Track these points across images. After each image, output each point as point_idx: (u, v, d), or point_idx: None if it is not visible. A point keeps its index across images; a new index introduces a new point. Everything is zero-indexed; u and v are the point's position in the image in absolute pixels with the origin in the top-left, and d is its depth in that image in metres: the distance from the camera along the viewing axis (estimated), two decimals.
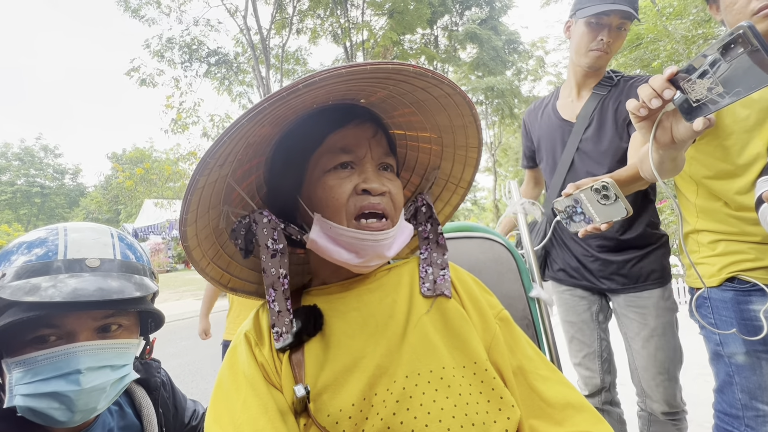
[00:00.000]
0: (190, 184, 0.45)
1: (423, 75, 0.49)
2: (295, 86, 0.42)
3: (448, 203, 0.71)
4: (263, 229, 0.53)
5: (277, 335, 0.52)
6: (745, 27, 0.44)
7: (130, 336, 0.62)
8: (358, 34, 11.07)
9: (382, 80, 0.51)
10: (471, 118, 0.58)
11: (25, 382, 0.52)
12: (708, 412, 1.04)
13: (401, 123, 0.65)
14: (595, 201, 0.74)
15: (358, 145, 0.55)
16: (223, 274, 0.60)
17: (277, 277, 0.53)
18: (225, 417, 0.48)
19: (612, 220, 0.74)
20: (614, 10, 1.08)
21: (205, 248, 0.54)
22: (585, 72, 1.22)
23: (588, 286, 1.28)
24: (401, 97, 0.56)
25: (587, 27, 1.15)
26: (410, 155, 0.69)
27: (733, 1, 0.86)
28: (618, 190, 0.70)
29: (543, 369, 0.56)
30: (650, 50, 6.04)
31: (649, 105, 0.56)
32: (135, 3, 9.86)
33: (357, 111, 0.57)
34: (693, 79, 0.51)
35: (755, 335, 0.87)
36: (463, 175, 0.67)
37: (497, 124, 16.37)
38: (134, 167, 10.05)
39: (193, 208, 0.48)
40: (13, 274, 0.53)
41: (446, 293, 0.58)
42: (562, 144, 1.28)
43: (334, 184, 0.53)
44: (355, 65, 0.44)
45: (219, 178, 0.50)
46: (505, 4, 14.46)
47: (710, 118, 0.52)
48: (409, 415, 0.47)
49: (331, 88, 0.48)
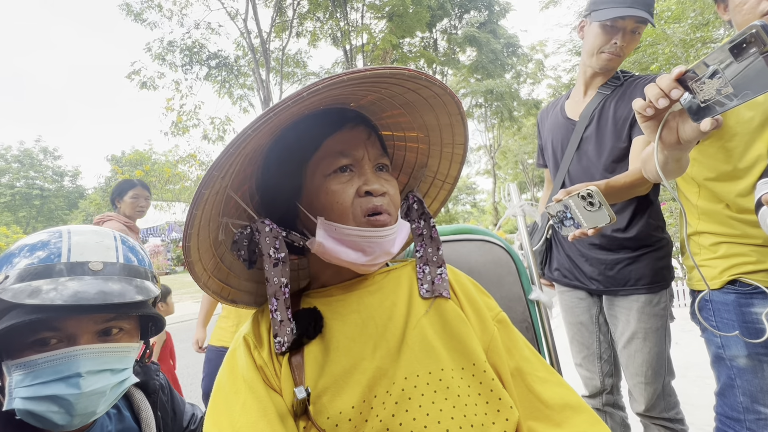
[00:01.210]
0: (195, 197, 0.45)
1: (416, 78, 0.50)
2: (299, 95, 0.42)
3: (436, 199, 0.73)
4: (266, 238, 0.53)
5: (280, 345, 0.51)
6: (758, 26, 0.43)
7: (131, 340, 0.62)
8: (357, 38, 11.11)
9: (375, 84, 0.51)
10: (458, 116, 0.59)
11: (25, 384, 0.51)
12: (708, 415, 1.03)
13: (389, 124, 0.65)
14: (582, 207, 0.76)
15: (356, 148, 0.55)
16: (223, 287, 0.60)
17: (279, 287, 0.53)
18: (224, 420, 0.48)
19: (598, 225, 0.76)
20: (630, 15, 1.07)
21: (205, 261, 0.54)
22: (594, 71, 1.22)
23: (582, 287, 1.27)
24: (391, 99, 0.57)
25: (602, 29, 1.14)
26: (398, 155, 0.70)
27: (742, 1, 0.86)
28: (602, 197, 0.72)
29: (541, 371, 0.56)
30: (649, 54, 6.07)
31: (656, 104, 0.56)
32: (137, 7, 9.92)
33: (349, 114, 0.58)
34: (702, 79, 0.50)
35: (757, 338, 0.87)
36: (449, 171, 0.69)
37: (496, 127, 16.43)
38: (134, 169, 10.06)
39: (197, 222, 0.48)
40: (15, 276, 0.53)
41: (444, 294, 0.58)
42: (565, 142, 1.28)
43: (338, 189, 0.53)
44: (357, 71, 0.44)
45: (219, 191, 0.50)
46: (503, 7, 14.52)
47: (718, 118, 0.52)
48: (408, 416, 0.47)
49: (327, 94, 0.48)
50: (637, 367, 1.16)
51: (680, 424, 1.17)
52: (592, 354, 1.30)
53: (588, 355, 1.31)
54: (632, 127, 1.13)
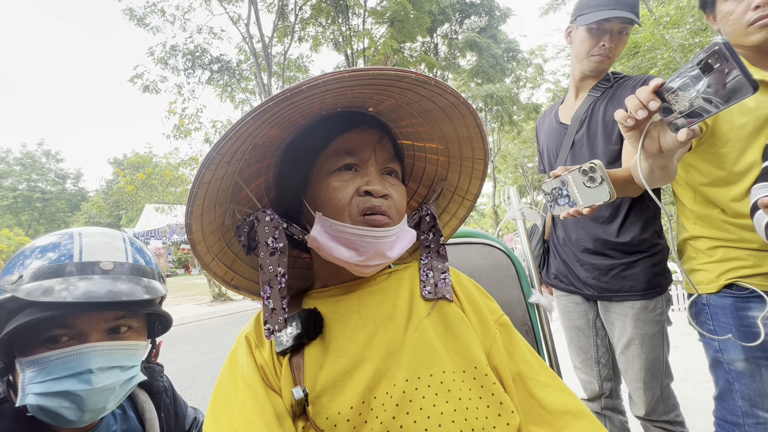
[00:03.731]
0: (197, 177, 0.47)
1: (425, 83, 0.49)
2: (298, 87, 0.43)
3: (455, 215, 0.72)
4: (264, 227, 0.54)
5: (269, 332, 0.52)
6: (720, 44, 0.47)
7: (139, 338, 0.63)
8: (359, 42, 11.17)
9: (386, 87, 0.52)
10: (476, 129, 0.59)
11: (37, 381, 0.53)
12: (707, 419, 1.03)
13: (409, 133, 0.66)
14: (581, 183, 0.75)
15: (363, 148, 0.56)
16: (227, 271, 0.60)
17: (274, 275, 0.53)
18: (223, 419, 0.48)
19: (595, 204, 0.74)
20: (615, 17, 1.09)
21: (210, 243, 0.56)
22: (584, 74, 1.23)
23: (577, 292, 1.28)
24: (408, 106, 0.58)
25: (588, 33, 1.15)
26: (418, 166, 0.70)
27: (729, 11, 0.88)
28: (605, 172, 0.71)
29: (542, 375, 0.56)
30: (648, 59, 6.10)
31: (636, 116, 0.58)
32: (140, 12, 10.00)
33: (364, 118, 0.59)
34: (677, 91, 0.53)
35: (754, 342, 0.88)
36: (469, 188, 0.68)
37: (496, 131, 16.46)
38: (135, 172, 10.07)
39: (199, 201, 0.49)
40: (29, 276, 0.55)
41: (447, 297, 0.58)
42: (558, 147, 1.29)
43: (338, 186, 0.54)
44: (358, 69, 0.45)
45: (226, 175, 0.51)
46: (504, 12, 14.59)
47: (694, 129, 0.54)
48: (408, 419, 0.47)
49: (338, 93, 0.49)
50: (635, 372, 1.16)
51: (680, 426, 1.17)
52: (589, 358, 1.30)
53: (586, 359, 1.31)
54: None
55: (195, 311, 7.76)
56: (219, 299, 8.80)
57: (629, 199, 1.16)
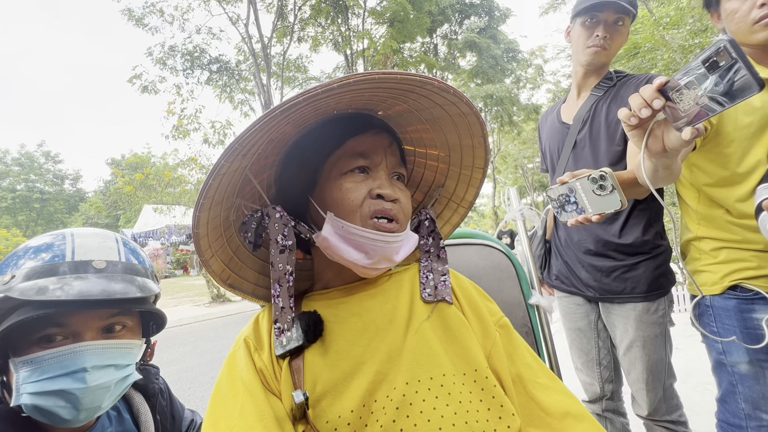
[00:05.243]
0: (215, 167, 0.46)
1: (445, 90, 0.51)
2: (329, 85, 0.43)
3: (448, 222, 0.73)
4: (275, 224, 0.54)
5: (279, 331, 0.52)
6: (726, 41, 0.46)
7: (134, 337, 0.64)
8: (358, 43, 11.19)
9: (405, 92, 0.52)
10: (481, 138, 0.60)
11: (32, 380, 0.53)
12: (708, 421, 1.03)
13: (412, 139, 0.66)
14: (591, 191, 0.74)
15: (375, 152, 0.56)
16: (224, 268, 0.60)
17: (284, 273, 0.53)
18: (222, 423, 0.47)
19: (605, 212, 0.73)
20: (607, 2, 1.08)
21: (212, 239, 0.55)
22: (585, 71, 1.22)
23: (579, 293, 1.27)
24: (418, 112, 0.58)
25: (583, 26, 1.16)
26: (417, 171, 0.71)
27: (734, 10, 0.87)
28: (615, 181, 0.70)
29: (542, 377, 0.56)
30: (648, 59, 6.12)
31: (639, 114, 0.57)
32: (139, 12, 10.00)
33: (375, 121, 0.59)
34: (681, 89, 0.52)
35: (758, 344, 0.87)
36: (465, 195, 0.69)
37: (496, 131, 16.48)
38: (134, 173, 10.06)
39: (211, 194, 0.49)
40: (22, 276, 0.55)
41: (447, 299, 0.58)
42: (561, 146, 1.28)
43: (351, 187, 0.54)
44: (388, 73, 0.45)
45: (239, 169, 0.51)
46: (503, 13, 14.63)
47: (699, 127, 0.53)
48: (408, 422, 0.47)
49: (356, 95, 0.50)
50: (638, 373, 1.16)
51: (683, 426, 1.16)
52: (591, 360, 1.29)
53: (587, 360, 1.30)
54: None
55: (193, 312, 7.75)
56: (218, 300, 8.79)
57: (631, 201, 1.15)
